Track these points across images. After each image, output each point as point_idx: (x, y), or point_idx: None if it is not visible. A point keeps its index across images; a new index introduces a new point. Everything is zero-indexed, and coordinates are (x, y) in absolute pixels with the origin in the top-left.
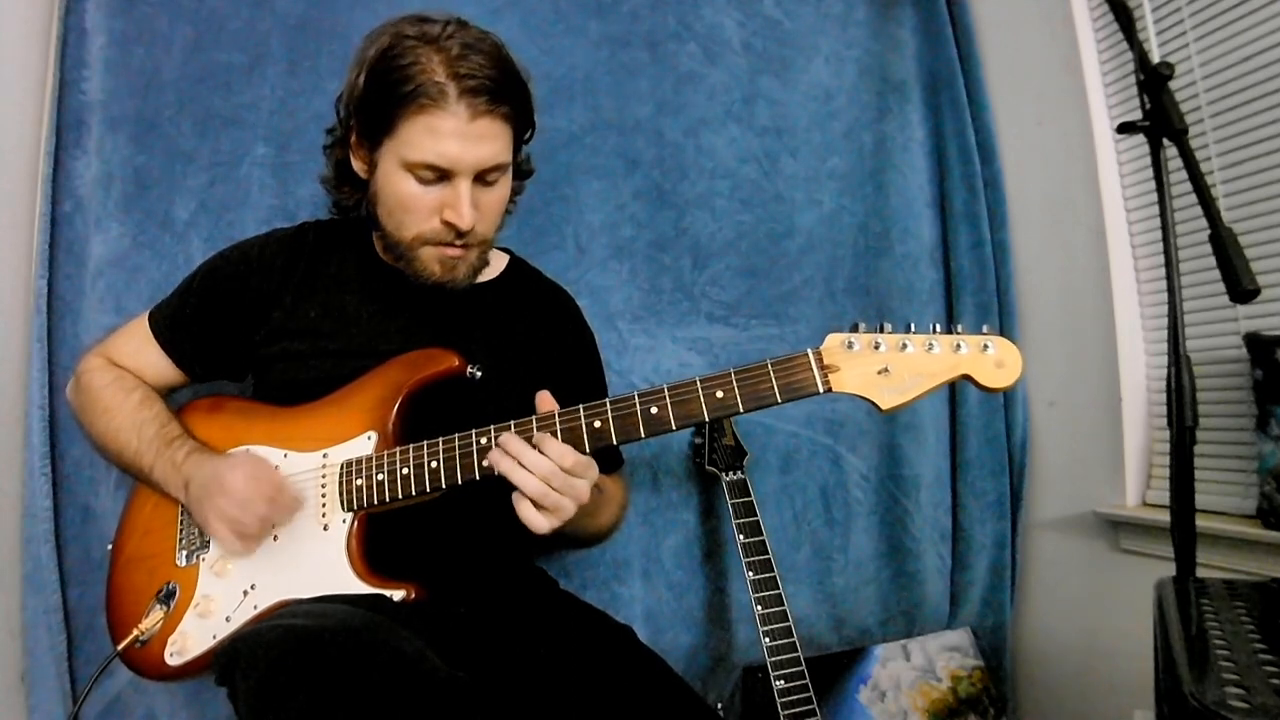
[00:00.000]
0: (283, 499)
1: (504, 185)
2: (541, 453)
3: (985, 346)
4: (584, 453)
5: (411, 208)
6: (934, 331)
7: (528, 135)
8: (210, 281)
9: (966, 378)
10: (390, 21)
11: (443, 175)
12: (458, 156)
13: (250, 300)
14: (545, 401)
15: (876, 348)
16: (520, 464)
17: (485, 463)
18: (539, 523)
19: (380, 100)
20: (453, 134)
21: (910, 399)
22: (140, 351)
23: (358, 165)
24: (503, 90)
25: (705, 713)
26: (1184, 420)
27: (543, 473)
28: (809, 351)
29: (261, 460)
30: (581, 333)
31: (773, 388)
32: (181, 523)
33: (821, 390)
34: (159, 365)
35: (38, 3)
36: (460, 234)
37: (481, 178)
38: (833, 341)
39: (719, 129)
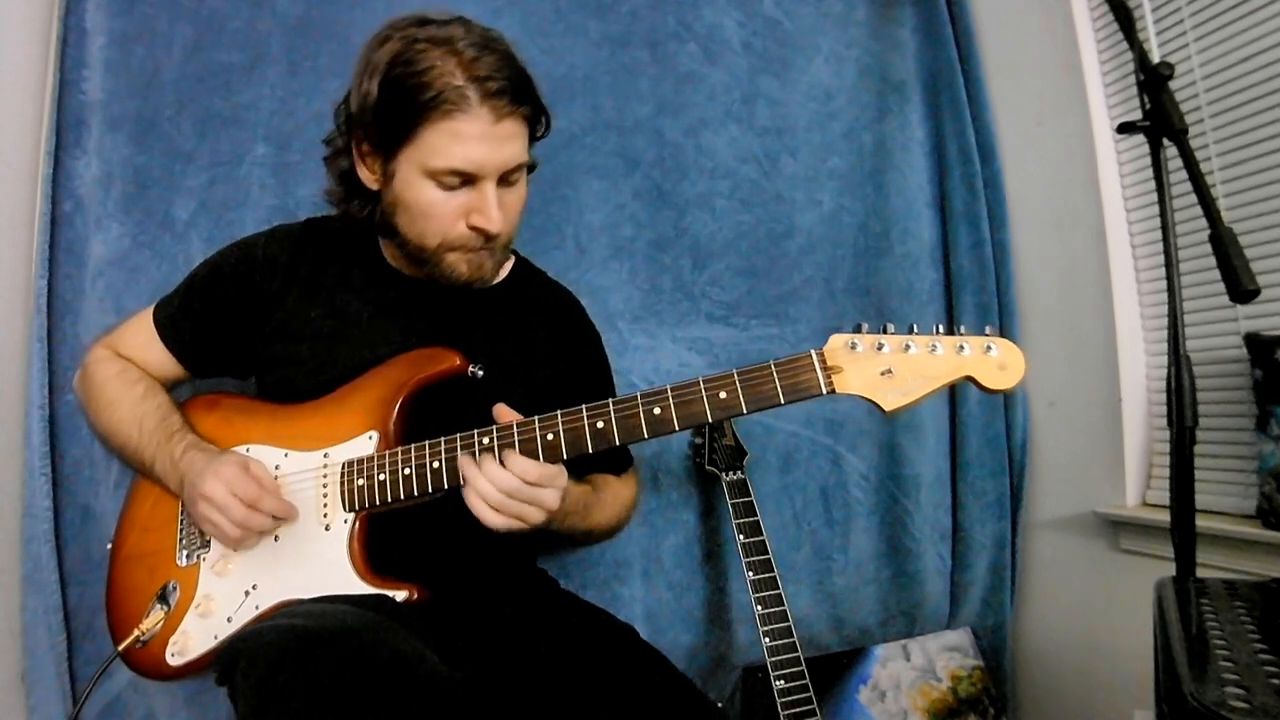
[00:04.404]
0: (266, 504)
1: (524, 184)
2: (506, 467)
3: (988, 348)
4: (563, 460)
5: (435, 214)
6: (937, 333)
7: (541, 132)
8: (214, 280)
9: (969, 379)
10: (391, 25)
11: (466, 180)
12: (484, 160)
13: (254, 299)
14: (503, 413)
15: (880, 349)
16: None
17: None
18: (496, 521)
19: (398, 108)
20: (478, 138)
21: (913, 400)
22: (146, 346)
23: (366, 175)
24: (520, 90)
25: (709, 710)
26: (1184, 420)
27: (507, 487)
28: (812, 352)
29: (246, 464)
30: (586, 333)
31: (776, 389)
32: (181, 521)
33: (825, 391)
34: (163, 360)
35: (38, 3)
36: (489, 237)
37: (504, 179)
38: (836, 342)
39: (719, 129)
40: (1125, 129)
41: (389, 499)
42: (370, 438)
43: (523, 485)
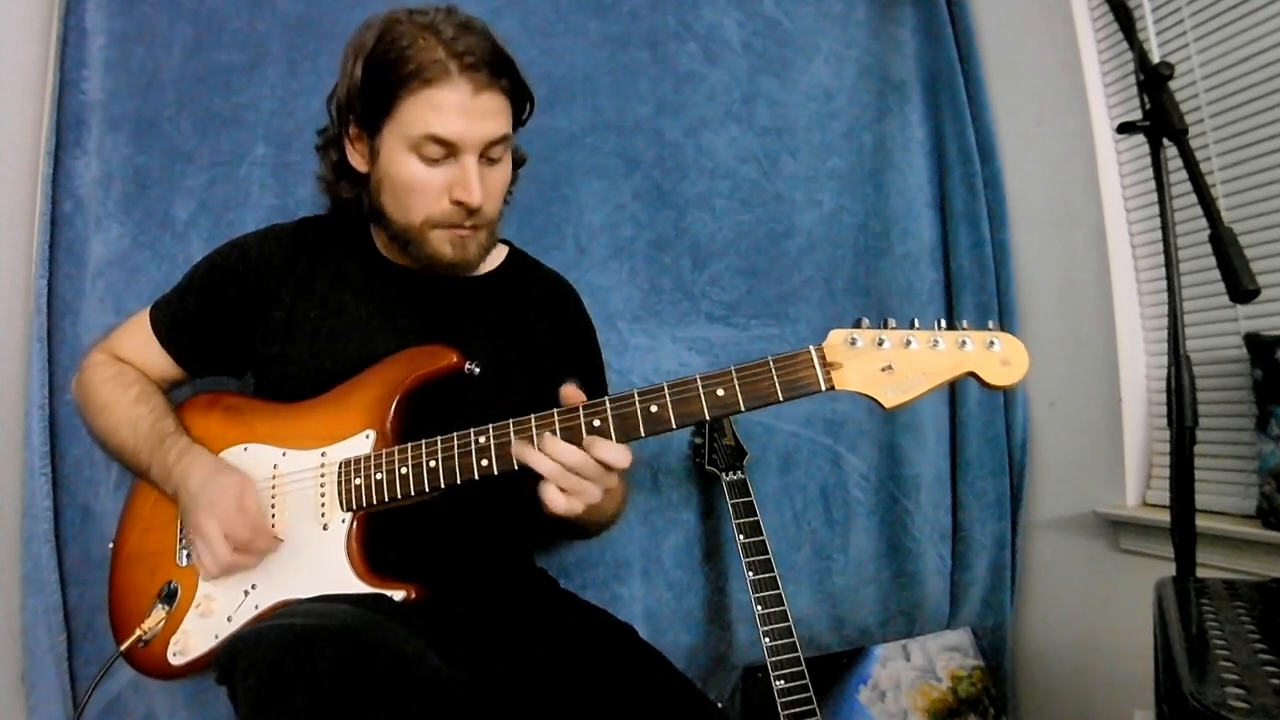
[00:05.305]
0: (257, 547)
1: (507, 163)
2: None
3: (991, 343)
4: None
5: (418, 189)
6: (939, 328)
7: (525, 114)
8: (210, 279)
9: (972, 375)
10: (376, 15)
11: (448, 153)
12: (463, 131)
13: (250, 298)
14: (571, 394)
15: (880, 344)
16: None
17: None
18: (561, 504)
19: (380, 83)
20: (457, 109)
21: (914, 397)
22: (144, 347)
23: (355, 158)
24: (500, 65)
25: (709, 710)
26: (1184, 420)
27: (573, 464)
28: (811, 349)
29: (240, 498)
30: (582, 325)
31: (774, 386)
32: (181, 522)
33: (824, 388)
34: (160, 361)
35: (38, 3)
36: (470, 212)
37: (486, 154)
38: (835, 338)
39: (719, 129)
40: (1125, 129)
41: (386, 498)
42: (367, 436)
43: (589, 461)
